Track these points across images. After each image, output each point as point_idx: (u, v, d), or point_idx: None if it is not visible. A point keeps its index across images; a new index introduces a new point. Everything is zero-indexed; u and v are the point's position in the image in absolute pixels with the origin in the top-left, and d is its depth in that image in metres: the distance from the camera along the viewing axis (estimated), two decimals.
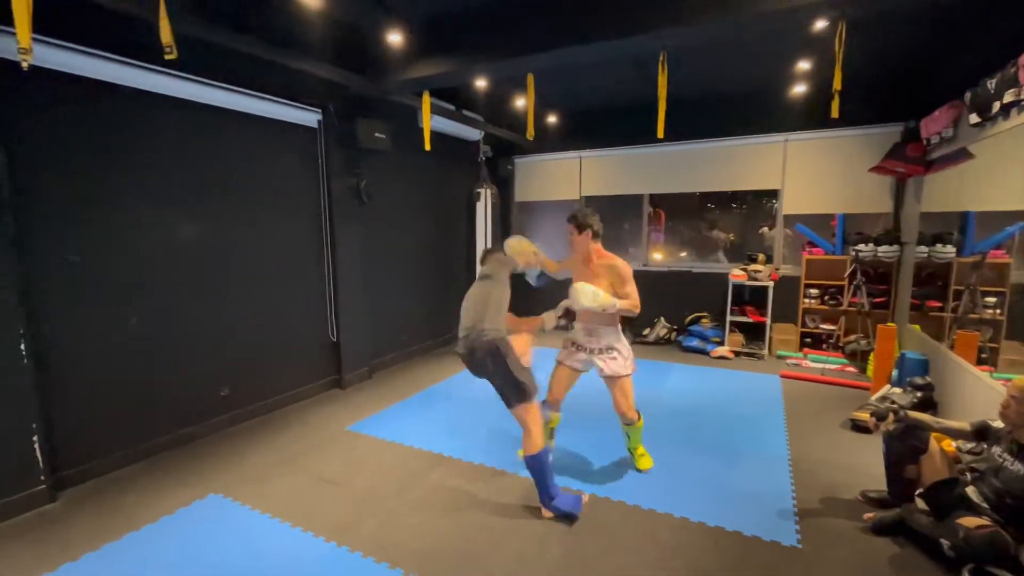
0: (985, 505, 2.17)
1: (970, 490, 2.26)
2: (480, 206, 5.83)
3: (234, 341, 3.66)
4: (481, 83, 5.07)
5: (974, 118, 3.28)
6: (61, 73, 2.69)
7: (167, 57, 2.33)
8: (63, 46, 2.64)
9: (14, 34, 1.94)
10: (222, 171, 3.53)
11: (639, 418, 2.93)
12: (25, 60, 1.98)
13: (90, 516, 2.58)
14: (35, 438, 2.61)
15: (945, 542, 2.09)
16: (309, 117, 4.09)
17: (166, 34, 2.30)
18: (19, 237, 2.57)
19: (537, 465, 2.47)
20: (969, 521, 2.05)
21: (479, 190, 5.84)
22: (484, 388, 4.58)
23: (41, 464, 2.64)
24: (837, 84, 2.71)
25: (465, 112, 5.44)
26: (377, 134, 4.36)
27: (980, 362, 3.38)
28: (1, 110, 2.49)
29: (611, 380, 2.85)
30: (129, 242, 3.04)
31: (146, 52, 2.87)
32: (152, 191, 3.13)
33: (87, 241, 2.85)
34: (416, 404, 4.15)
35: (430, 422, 3.76)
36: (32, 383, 2.61)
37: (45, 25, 2.44)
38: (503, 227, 6.70)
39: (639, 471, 2.97)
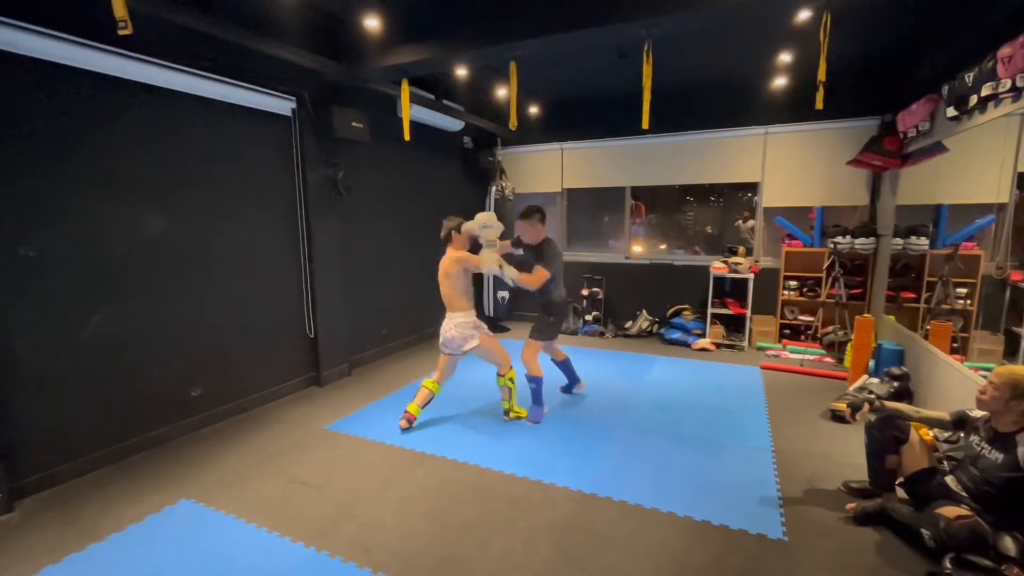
0: (964, 494, 2.20)
1: (949, 479, 2.30)
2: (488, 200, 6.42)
3: (206, 338, 3.51)
4: (462, 72, 4.96)
5: (951, 111, 3.31)
6: (12, 55, 2.49)
7: (121, 32, 2.17)
8: (15, 25, 2.44)
9: None
10: (191, 161, 3.36)
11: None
12: None
13: (51, 526, 2.43)
14: None
15: (926, 532, 2.11)
16: (282, 105, 3.92)
17: (119, 7, 2.14)
18: None
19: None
20: (949, 511, 2.08)
21: (491, 186, 6.40)
22: (466, 384, 4.49)
23: None
24: (822, 75, 2.70)
25: (446, 102, 5.32)
26: (354, 123, 4.21)
27: (953, 351, 3.46)
28: None
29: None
30: (90, 235, 2.86)
31: (105, 32, 2.68)
32: (115, 181, 2.96)
33: (44, 234, 2.67)
34: (397, 401, 4.05)
35: None
36: None
37: None
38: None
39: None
